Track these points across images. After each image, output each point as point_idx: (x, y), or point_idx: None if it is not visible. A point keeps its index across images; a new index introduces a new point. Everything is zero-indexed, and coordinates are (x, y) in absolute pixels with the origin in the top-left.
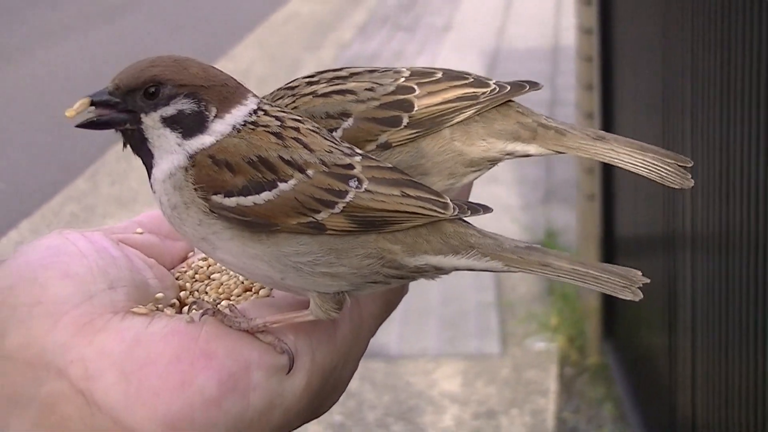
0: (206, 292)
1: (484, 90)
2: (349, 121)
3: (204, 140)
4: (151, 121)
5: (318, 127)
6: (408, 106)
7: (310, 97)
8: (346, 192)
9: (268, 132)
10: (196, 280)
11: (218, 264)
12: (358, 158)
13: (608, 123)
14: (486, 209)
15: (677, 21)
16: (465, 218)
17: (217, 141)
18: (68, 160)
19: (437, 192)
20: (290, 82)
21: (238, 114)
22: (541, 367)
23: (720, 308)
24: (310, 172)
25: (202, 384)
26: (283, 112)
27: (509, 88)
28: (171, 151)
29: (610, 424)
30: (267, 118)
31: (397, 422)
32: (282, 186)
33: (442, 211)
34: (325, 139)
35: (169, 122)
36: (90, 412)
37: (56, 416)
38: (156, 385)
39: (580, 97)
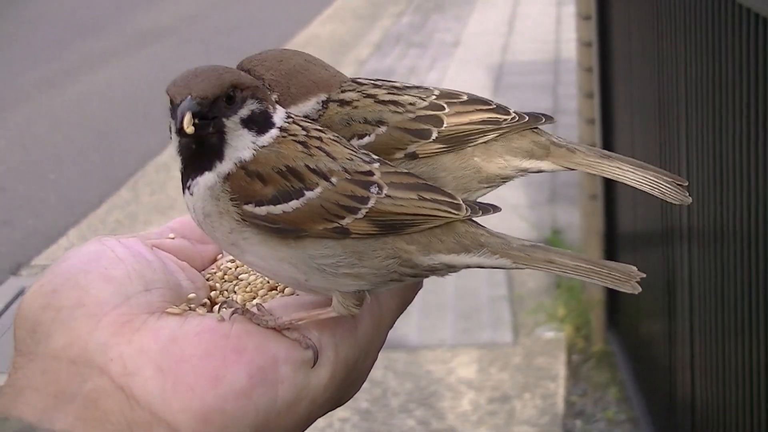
0: (235, 292)
1: (506, 117)
2: (383, 129)
3: (273, 133)
4: (232, 124)
5: (338, 137)
6: (438, 121)
7: (372, 101)
8: (368, 198)
9: (296, 141)
10: (225, 281)
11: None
12: (376, 165)
13: (608, 128)
14: (495, 209)
15: (670, 33)
16: (476, 219)
17: (280, 130)
18: (112, 173)
19: (450, 194)
20: (357, 78)
21: (280, 112)
22: (551, 354)
23: (715, 296)
24: (334, 179)
25: (233, 378)
26: (306, 121)
27: (527, 118)
28: (244, 148)
29: (615, 406)
30: (295, 126)
31: (419, 408)
32: (309, 194)
33: (456, 212)
34: (346, 147)
35: (246, 122)
36: (129, 406)
37: (99, 410)
38: (190, 379)
39: (581, 105)
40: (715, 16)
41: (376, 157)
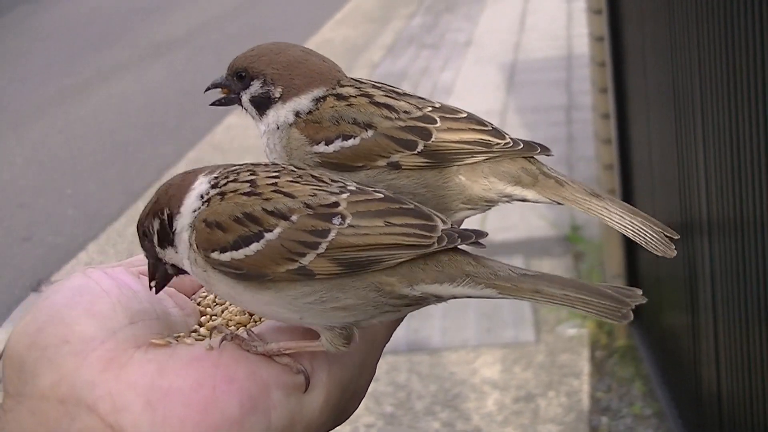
0: (222, 316)
1: (499, 141)
2: (370, 133)
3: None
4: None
5: (299, 176)
6: (426, 134)
7: (368, 101)
8: (329, 230)
9: (241, 194)
10: (217, 304)
11: None
12: (345, 195)
13: (623, 122)
14: (480, 234)
15: (683, 24)
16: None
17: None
18: (129, 185)
19: (428, 215)
20: (359, 78)
21: (204, 181)
22: (574, 351)
23: (738, 286)
24: (294, 217)
25: (224, 407)
26: (254, 173)
27: (521, 146)
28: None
29: (640, 401)
30: (233, 184)
31: (444, 410)
32: (268, 235)
33: (426, 240)
34: (308, 184)
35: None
36: None
37: None
38: (181, 412)
39: (596, 100)
40: (726, 6)
41: (353, 186)
